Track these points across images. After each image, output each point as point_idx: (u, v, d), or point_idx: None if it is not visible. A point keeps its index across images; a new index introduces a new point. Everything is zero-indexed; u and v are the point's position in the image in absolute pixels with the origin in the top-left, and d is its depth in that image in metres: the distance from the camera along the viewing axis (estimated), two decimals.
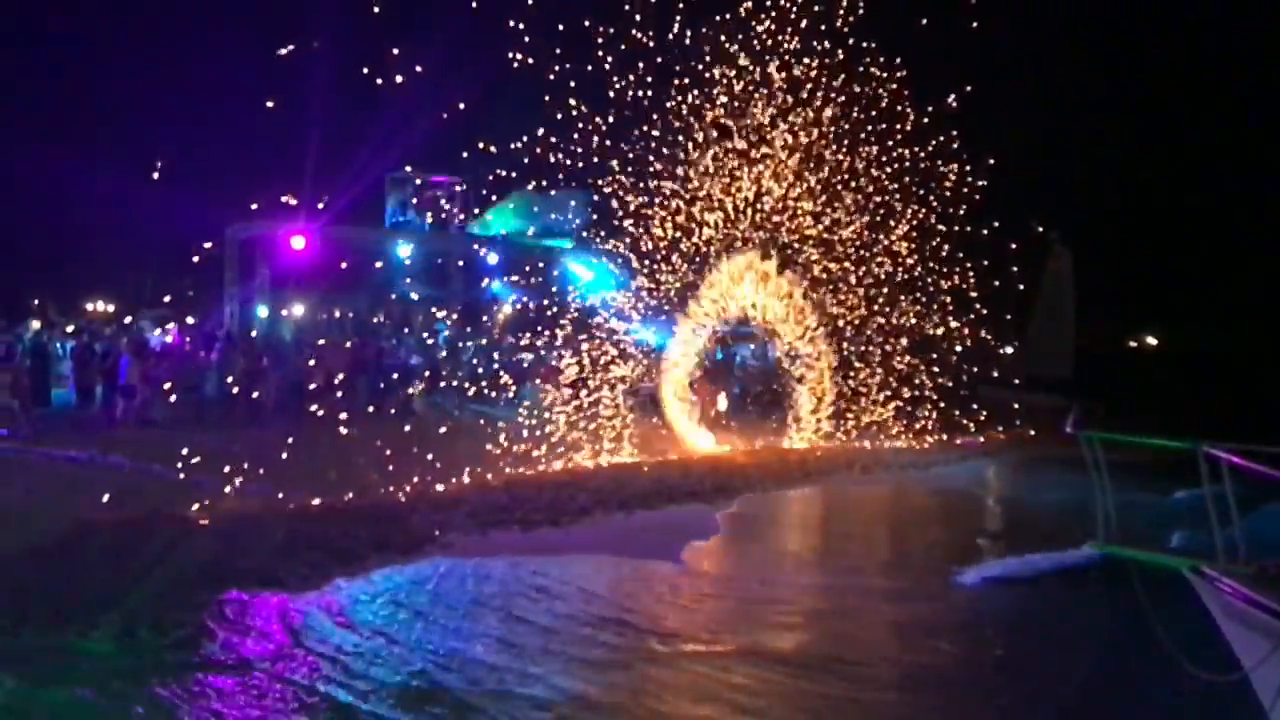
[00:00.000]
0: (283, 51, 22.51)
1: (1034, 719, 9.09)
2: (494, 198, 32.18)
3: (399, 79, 24.73)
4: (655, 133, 25.10)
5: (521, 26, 23.31)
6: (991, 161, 27.36)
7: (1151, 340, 40.47)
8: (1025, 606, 12.31)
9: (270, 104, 24.38)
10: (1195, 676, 7.49)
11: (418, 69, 25.16)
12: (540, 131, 23.98)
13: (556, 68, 23.80)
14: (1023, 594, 12.71)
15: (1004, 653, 10.71)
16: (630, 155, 25.32)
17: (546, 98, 23.52)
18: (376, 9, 23.15)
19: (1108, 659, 10.29)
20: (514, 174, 25.77)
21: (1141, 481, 15.52)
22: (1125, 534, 8.30)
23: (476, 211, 34.03)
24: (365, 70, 23.16)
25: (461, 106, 23.75)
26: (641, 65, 24.68)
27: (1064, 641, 11.05)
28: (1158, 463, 9.19)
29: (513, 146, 23.83)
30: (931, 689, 9.39)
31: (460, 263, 31.17)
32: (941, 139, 26.93)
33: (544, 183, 27.09)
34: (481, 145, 24.52)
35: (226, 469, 16.70)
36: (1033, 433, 27.83)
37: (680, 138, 25.39)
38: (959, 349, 29.10)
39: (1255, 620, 6.93)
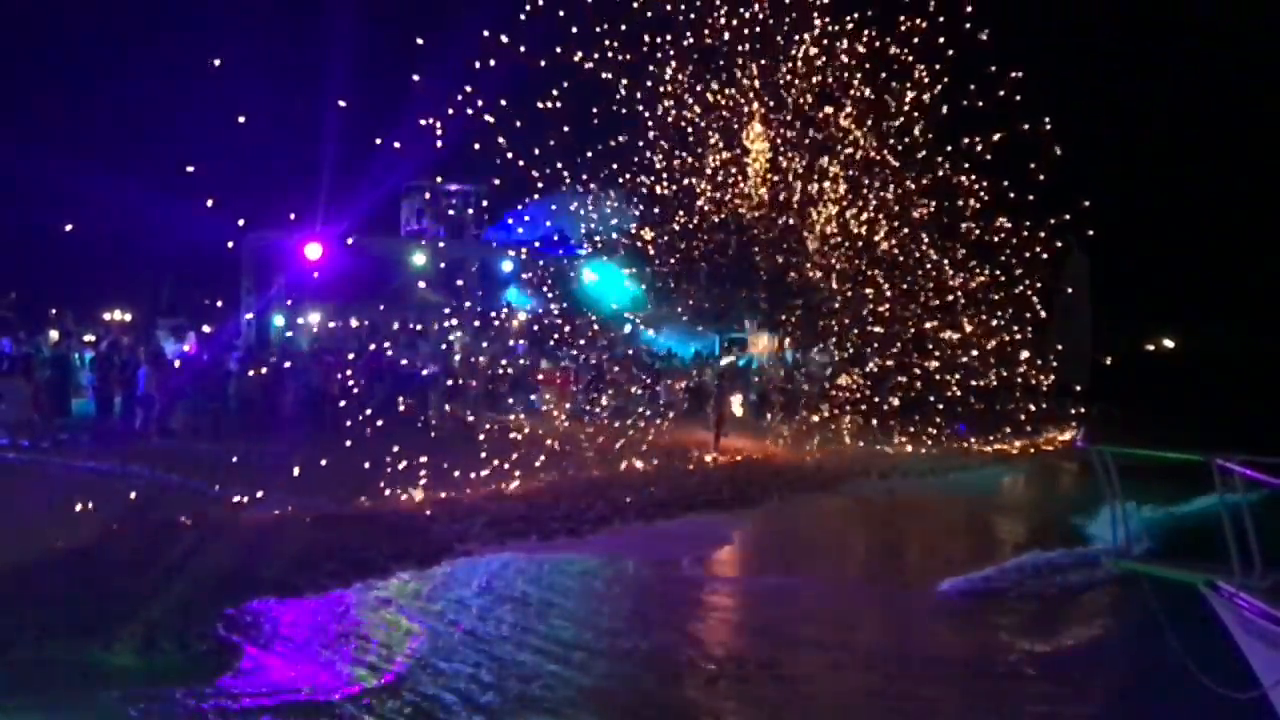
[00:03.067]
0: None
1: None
2: (526, 199, 32.22)
3: (413, 79, 25.00)
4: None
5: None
6: (1003, 184, 27.53)
7: (1168, 343, 40.17)
8: (1025, 616, 12.22)
9: (287, 113, 24.47)
10: (1211, 691, 7.39)
11: (433, 76, 25.33)
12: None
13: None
14: (1020, 602, 12.64)
15: (1010, 665, 10.57)
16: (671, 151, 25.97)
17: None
18: (394, 18, 23.35)
19: (1121, 671, 10.25)
20: (539, 176, 26.12)
21: (1163, 487, 15.47)
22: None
23: (487, 218, 34.06)
24: (382, 78, 23.28)
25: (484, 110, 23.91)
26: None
27: (1072, 651, 11.01)
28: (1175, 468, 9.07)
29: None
30: (935, 703, 9.34)
31: (476, 270, 31.22)
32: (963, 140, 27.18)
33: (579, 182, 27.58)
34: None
35: (244, 479, 16.75)
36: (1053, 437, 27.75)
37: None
38: (974, 353, 29.08)
39: (1273, 636, 6.81)
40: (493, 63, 23.78)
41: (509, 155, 25.42)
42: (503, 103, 24.72)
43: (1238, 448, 7.17)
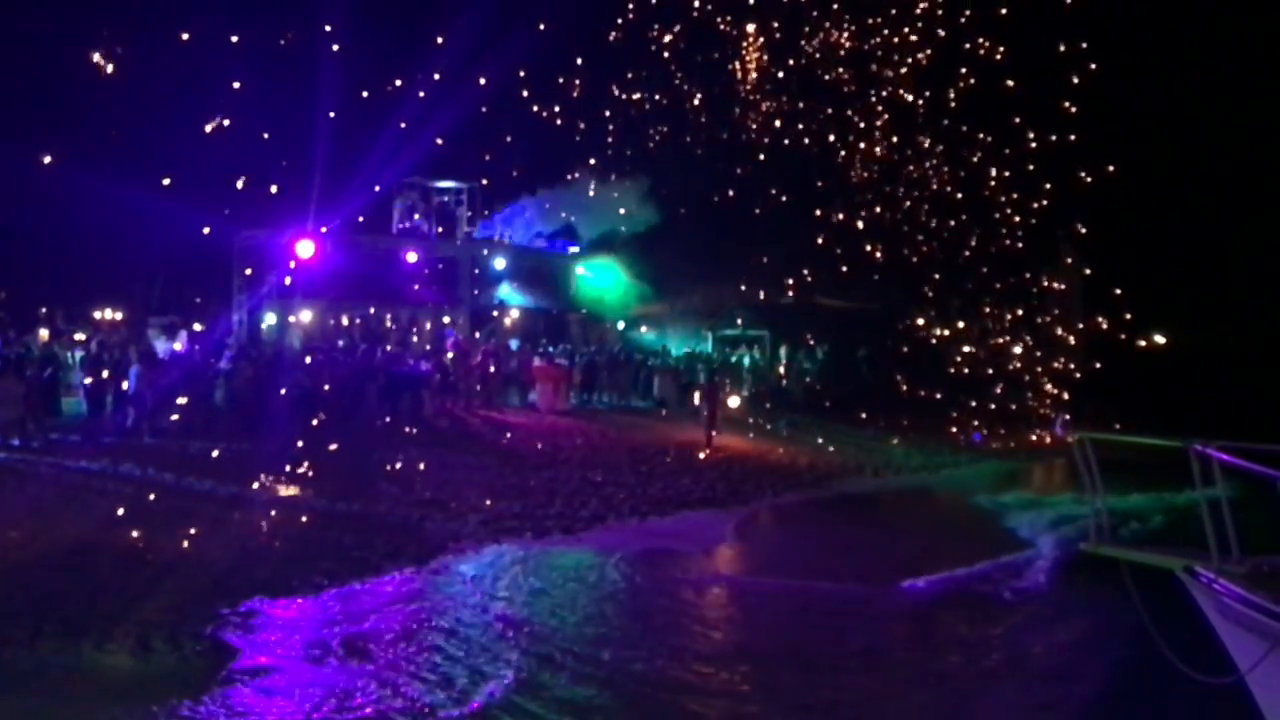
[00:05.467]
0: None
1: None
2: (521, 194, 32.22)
3: (404, 81, 25.06)
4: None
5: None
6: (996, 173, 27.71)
7: (1159, 339, 40.18)
8: (1000, 609, 12.30)
9: (279, 112, 24.44)
10: (1188, 676, 7.45)
11: (426, 71, 25.36)
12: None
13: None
14: (1000, 599, 12.74)
15: (989, 657, 10.66)
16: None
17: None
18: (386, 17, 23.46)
19: (1102, 662, 10.35)
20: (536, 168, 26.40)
21: (1158, 484, 15.54)
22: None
23: (486, 212, 34.04)
24: (374, 77, 23.30)
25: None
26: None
27: (1055, 644, 11.13)
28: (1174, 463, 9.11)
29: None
30: (921, 695, 9.42)
31: (468, 268, 31.18)
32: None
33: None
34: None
35: (236, 477, 16.74)
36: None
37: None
38: (965, 350, 29.17)
39: (1250, 621, 6.84)
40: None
41: (507, 143, 25.65)
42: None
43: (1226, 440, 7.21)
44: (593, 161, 29.59)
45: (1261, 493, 7.08)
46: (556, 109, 29.49)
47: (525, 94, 28.77)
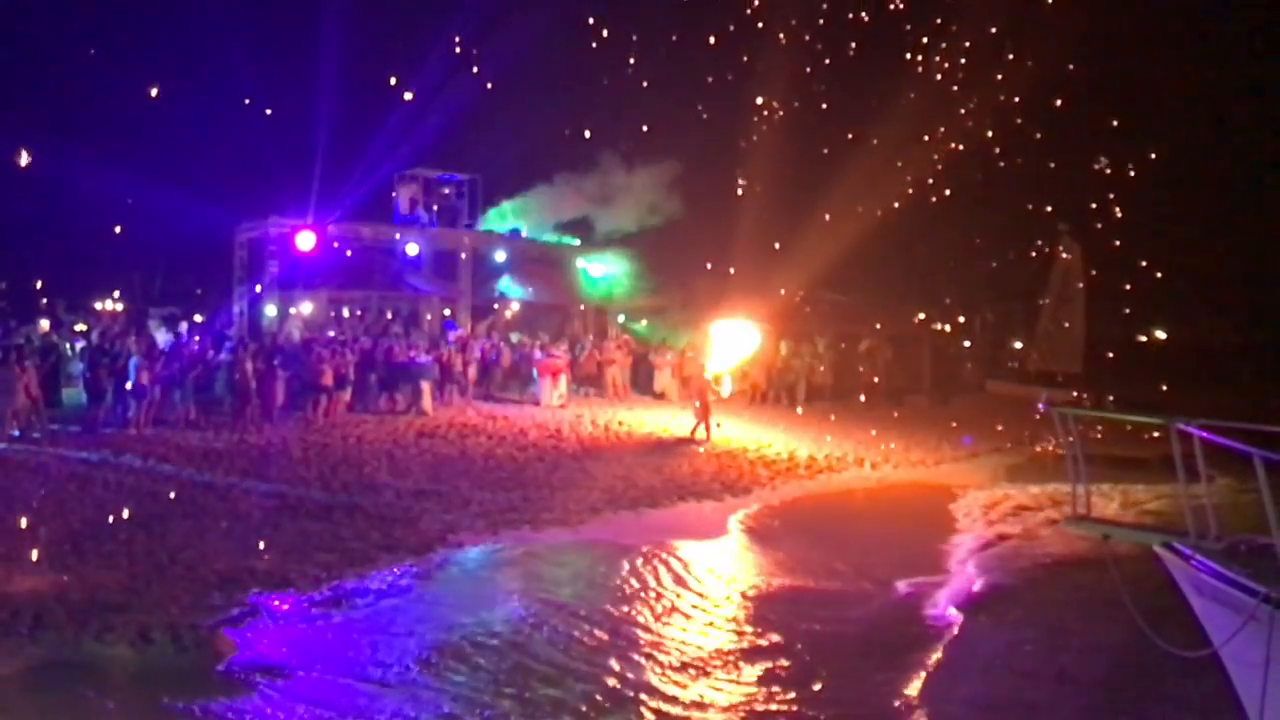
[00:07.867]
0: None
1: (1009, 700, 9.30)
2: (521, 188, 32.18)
3: (407, 70, 25.09)
4: None
5: None
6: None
7: (1160, 334, 40.24)
8: (995, 604, 12.39)
9: (279, 103, 24.46)
10: (1164, 651, 7.56)
11: (426, 63, 25.36)
12: None
13: None
14: (987, 591, 12.82)
15: (981, 649, 10.76)
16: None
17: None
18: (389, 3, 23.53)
19: (1076, 636, 10.62)
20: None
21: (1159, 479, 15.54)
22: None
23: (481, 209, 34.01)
24: (374, 68, 23.30)
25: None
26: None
27: (1040, 626, 11.28)
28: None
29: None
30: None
31: (469, 259, 31.16)
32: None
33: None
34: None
35: (237, 469, 16.80)
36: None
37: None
38: (967, 343, 29.18)
39: (1225, 596, 6.94)
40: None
41: (513, 133, 25.72)
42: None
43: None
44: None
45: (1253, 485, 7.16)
46: (560, 99, 29.45)
47: (529, 84, 28.78)
